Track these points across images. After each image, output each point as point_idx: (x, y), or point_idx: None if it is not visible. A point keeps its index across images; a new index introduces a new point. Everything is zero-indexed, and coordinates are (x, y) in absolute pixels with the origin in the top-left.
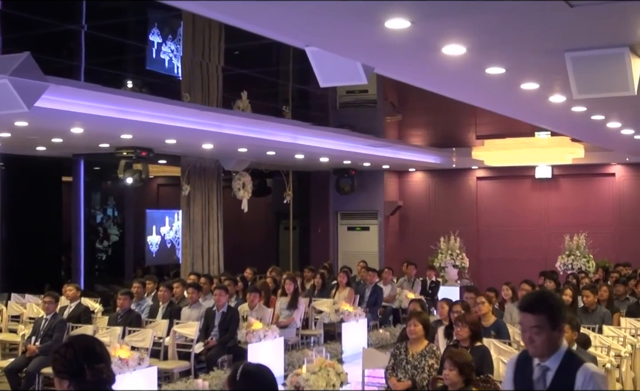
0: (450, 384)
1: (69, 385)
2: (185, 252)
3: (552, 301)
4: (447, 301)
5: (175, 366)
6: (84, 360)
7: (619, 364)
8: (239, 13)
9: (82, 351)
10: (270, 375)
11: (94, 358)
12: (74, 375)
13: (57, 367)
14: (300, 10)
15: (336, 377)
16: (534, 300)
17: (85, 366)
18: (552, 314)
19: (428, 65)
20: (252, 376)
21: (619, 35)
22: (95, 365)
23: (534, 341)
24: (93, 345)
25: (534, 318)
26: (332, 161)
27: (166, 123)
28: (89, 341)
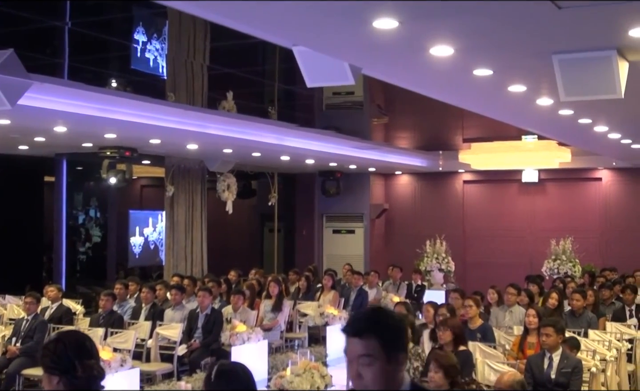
0: (435, 387)
1: (58, 382)
2: (169, 253)
3: (388, 322)
4: (432, 305)
5: (158, 369)
6: (75, 356)
7: (604, 368)
8: (226, 11)
9: (73, 347)
10: (246, 373)
11: (84, 354)
12: (64, 371)
13: (46, 363)
14: (287, 9)
15: (320, 379)
16: (364, 319)
17: (76, 362)
18: (388, 339)
19: (416, 66)
20: (227, 375)
21: (606, 37)
22: (85, 361)
23: (362, 377)
24: (83, 340)
25: (363, 345)
26: (318, 163)
27: (150, 123)
28: (79, 337)
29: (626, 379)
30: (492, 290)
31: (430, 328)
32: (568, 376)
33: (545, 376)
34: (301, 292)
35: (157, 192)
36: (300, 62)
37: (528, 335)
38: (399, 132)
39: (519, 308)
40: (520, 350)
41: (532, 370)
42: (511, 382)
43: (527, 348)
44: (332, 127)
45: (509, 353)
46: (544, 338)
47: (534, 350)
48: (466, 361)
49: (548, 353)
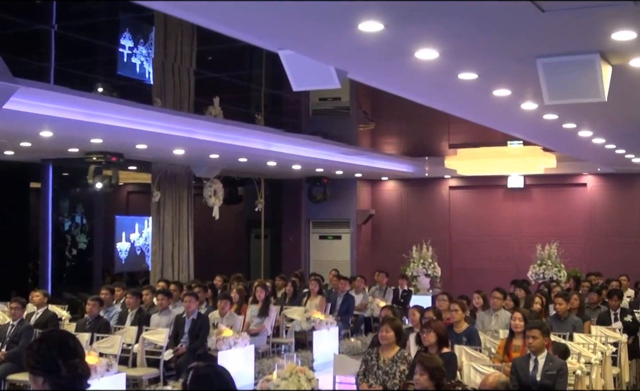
0: (421, 389)
1: (43, 382)
2: (155, 259)
3: None
4: (418, 309)
5: (144, 373)
6: (59, 355)
7: (590, 371)
8: (211, 14)
9: (56, 346)
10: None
11: (68, 353)
12: (48, 370)
13: (30, 363)
14: (273, 12)
15: (307, 383)
16: None
17: (59, 361)
18: None
19: (401, 70)
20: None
21: (589, 41)
22: (70, 360)
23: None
24: (67, 339)
25: None
26: (305, 169)
27: (137, 128)
28: (63, 336)
29: (611, 382)
30: (477, 294)
31: (416, 331)
32: (553, 378)
33: (531, 379)
34: (288, 297)
35: (144, 198)
36: (286, 65)
37: (513, 338)
38: (385, 138)
39: (505, 312)
40: (505, 353)
41: (517, 372)
42: (496, 383)
43: (512, 351)
44: (319, 132)
45: (494, 356)
46: (530, 341)
47: (520, 353)
48: (450, 363)
49: (533, 355)
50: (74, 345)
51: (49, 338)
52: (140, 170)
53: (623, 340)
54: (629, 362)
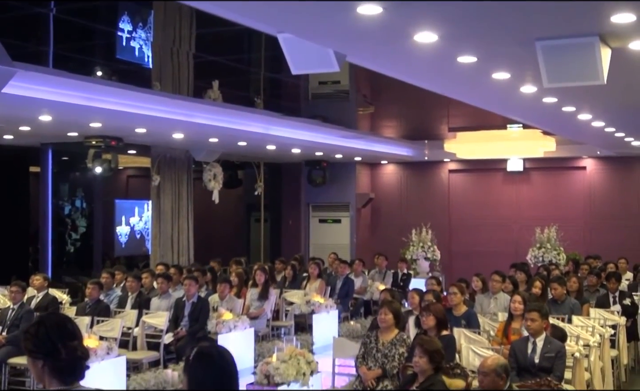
0: (420, 371)
1: (43, 365)
2: (155, 243)
3: None
4: (417, 292)
5: (144, 357)
6: (57, 338)
7: (588, 354)
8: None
9: (54, 329)
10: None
11: (67, 335)
12: (47, 353)
13: (28, 347)
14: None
15: (306, 366)
16: None
17: (59, 344)
18: None
19: (400, 53)
20: (205, 357)
21: (589, 24)
22: (68, 342)
23: None
24: (64, 322)
25: None
26: (304, 152)
27: (136, 112)
28: (60, 319)
29: (609, 364)
30: (476, 277)
31: (415, 314)
32: (551, 360)
33: (529, 361)
34: (287, 281)
35: (143, 182)
36: (285, 49)
37: (512, 321)
38: (384, 122)
39: (504, 295)
40: (504, 336)
41: (516, 354)
42: (494, 366)
43: (511, 334)
44: (318, 116)
45: (493, 339)
46: (529, 323)
47: (518, 335)
48: (449, 346)
49: (532, 338)
50: (72, 328)
51: (47, 321)
52: (139, 154)
53: (621, 323)
54: (627, 345)
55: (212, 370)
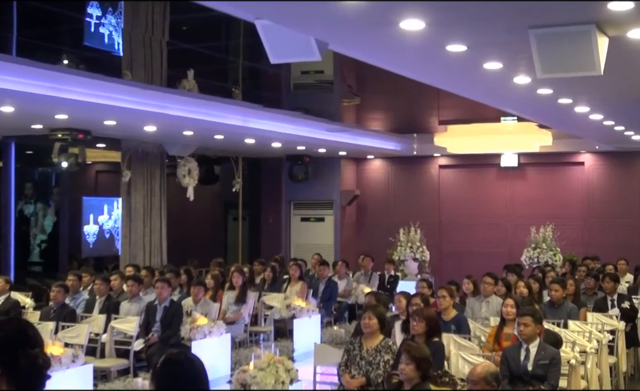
0: (406, 379)
1: (1, 374)
2: (125, 243)
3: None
4: (404, 295)
5: (113, 365)
6: (17, 346)
7: (585, 361)
8: None
9: (14, 336)
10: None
11: (27, 343)
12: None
13: None
14: None
15: (286, 374)
16: None
17: (18, 352)
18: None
19: (386, 41)
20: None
21: (585, 11)
22: (29, 350)
23: None
24: (25, 328)
25: None
26: (285, 146)
27: (105, 103)
28: (21, 325)
29: (607, 372)
30: (467, 279)
31: (402, 319)
32: (545, 368)
33: (522, 369)
34: (267, 283)
35: (113, 178)
36: (263, 36)
37: (505, 326)
38: (371, 114)
39: (496, 299)
40: (496, 342)
41: (508, 362)
42: (484, 374)
43: (503, 340)
44: (300, 108)
45: (484, 345)
46: (522, 328)
47: (511, 341)
48: (437, 353)
49: (525, 344)
50: (33, 334)
51: (6, 327)
52: (109, 148)
53: (620, 328)
54: (627, 351)
55: (181, 378)
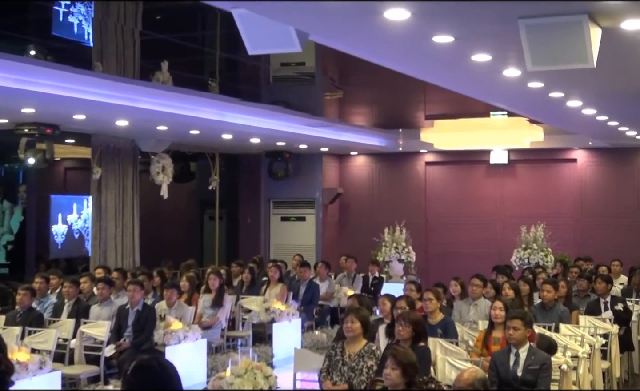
0: (391, 385)
1: None
2: (96, 243)
3: None
4: (389, 298)
5: (82, 372)
6: None
7: (577, 366)
8: None
9: None
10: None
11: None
12: None
13: None
14: None
15: (264, 381)
16: None
17: None
18: None
19: (369, 31)
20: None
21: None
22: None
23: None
24: None
25: None
26: (264, 142)
27: (74, 96)
28: None
29: (600, 377)
30: (455, 281)
31: (386, 323)
32: (536, 373)
33: (511, 374)
34: (245, 286)
35: (83, 175)
36: (240, 26)
37: (493, 330)
38: (354, 108)
39: (485, 302)
40: (484, 346)
41: (496, 367)
42: (472, 380)
43: (492, 344)
44: (280, 101)
45: (472, 350)
46: (511, 332)
47: (500, 345)
48: (423, 358)
49: (514, 348)
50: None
51: None
52: (78, 144)
53: (614, 331)
54: (620, 355)
55: (153, 384)
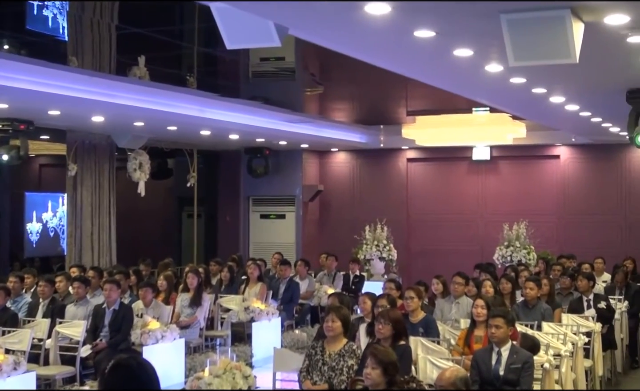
0: (372, 384)
1: None
2: (71, 242)
3: None
4: (370, 296)
5: (58, 372)
6: None
7: (559, 364)
8: None
9: None
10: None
11: None
12: None
13: None
14: None
15: (243, 381)
16: None
17: None
18: None
19: (350, 26)
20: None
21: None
22: None
23: None
24: None
25: None
26: (244, 139)
27: (49, 92)
28: None
29: (583, 376)
30: (436, 279)
31: (367, 322)
32: (518, 372)
33: (493, 373)
34: (223, 284)
35: (58, 172)
36: (219, 21)
37: (475, 328)
38: (335, 104)
39: (467, 300)
40: (466, 345)
41: (478, 366)
42: (453, 379)
43: (473, 343)
44: (259, 97)
45: (454, 349)
46: (493, 330)
47: (482, 344)
48: (404, 357)
49: (496, 347)
50: None
51: None
52: (53, 140)
53: (596, 330)
54: (603, 354)
55: (131, 384)
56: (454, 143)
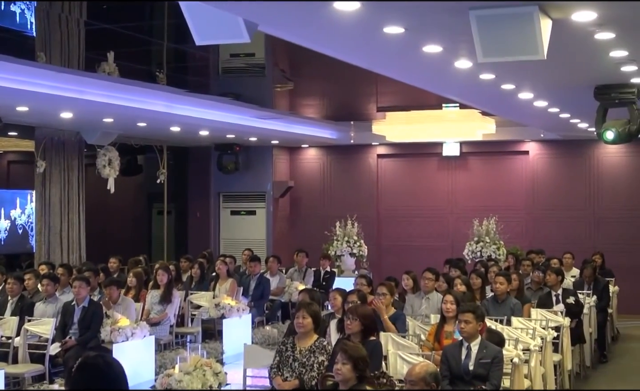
0: (342, 380)
1: None
2: (40, 239)
3: None
4: (340, 292)
5: (27, 371)
6: None
7: (528, 358)
8: None
9: None
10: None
11: None
12: None
13: None
14: None
15: (214, 378)
16: None
17: None
18: None
19: (319, 22)
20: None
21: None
22: None
23: None
24: None
25: None
26: (214, 135)
27: (17, 88)
28: None
29: (552, 370)
30: (407, 275)
31: (338, 318)
32: (487, 367)
33: (463, 368)
34: (194, 281)
35: (26, 169)
36: (188, 16)
37: (445, 324)
38: (305, 100)
39: (437, 295)
40: (436, 340)
41: (448, 361)
42: (423, 374)
43: (443, 338)
44: (229, 93)
45: (424, 344)
46: (463, 325)
47: (452, 339)
48: (375, 352)
49: (466, 342)
50: None
51: None
52: (21, 137)
53: (565, 324)
54: (572, 348)
55: (99, 383)
56: (424, 140)
